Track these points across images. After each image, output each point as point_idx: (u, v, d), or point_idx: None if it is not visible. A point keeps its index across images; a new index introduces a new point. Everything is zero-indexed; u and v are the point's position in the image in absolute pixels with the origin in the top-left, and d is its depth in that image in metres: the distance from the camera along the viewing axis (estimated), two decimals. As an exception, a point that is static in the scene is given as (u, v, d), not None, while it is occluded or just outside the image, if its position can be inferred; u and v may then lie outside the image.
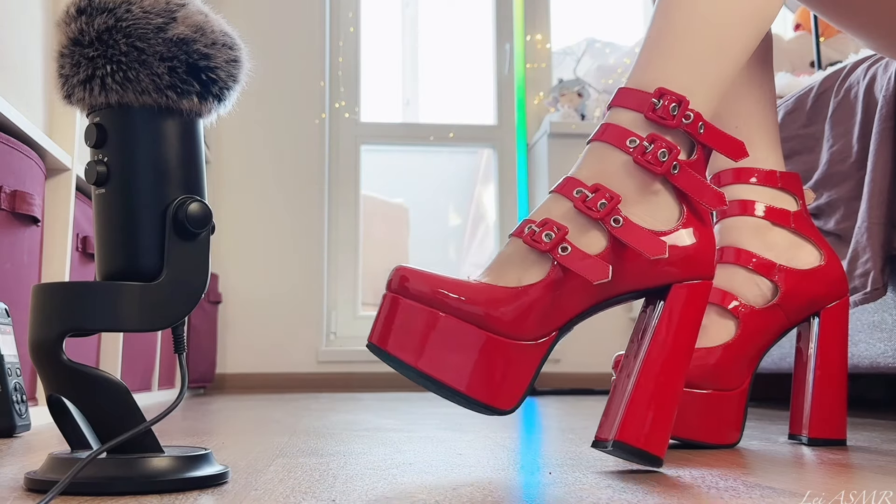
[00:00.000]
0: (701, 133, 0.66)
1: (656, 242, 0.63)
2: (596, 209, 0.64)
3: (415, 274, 0.62)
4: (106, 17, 0.53)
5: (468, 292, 0.62)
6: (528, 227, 0.65)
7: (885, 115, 1.12)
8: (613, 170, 0.66)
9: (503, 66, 2.96)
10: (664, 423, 0.63)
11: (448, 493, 0.53)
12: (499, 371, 0.61)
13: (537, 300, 0.62)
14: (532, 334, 0.63)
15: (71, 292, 0.54)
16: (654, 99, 0.66)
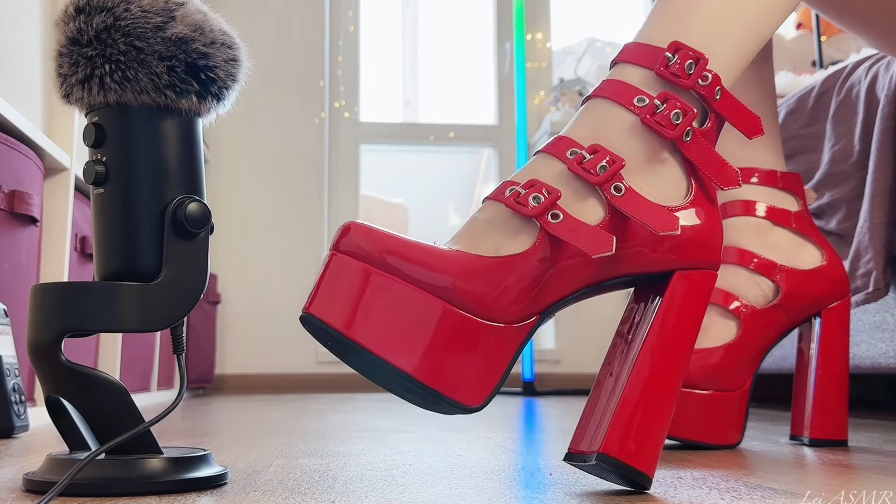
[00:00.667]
0: (717, 100, 0.56)
1: (667, 216, 0.53)
2: (595, 172, 0.53)
3: (368, 232, 0.51)
4: (104, 16, 0.53)
5: (433, 259, 0.51)
6: (510, 188, 0.54)
7: (886, 115, 1.12)
8: (616, 130, 0.56)
9: (503, 66, 2.96)
10: (657, 436, 0.53)
11: (448, 493, 0.53)
12: (465, 357, 0.50)
13: (518, 275, 0.51)
14: (509, 315, 0.51)
15: (69, 292, 0.54)
16: (668, 53, 0.56)
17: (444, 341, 0.50)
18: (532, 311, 0.52)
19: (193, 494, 0.52)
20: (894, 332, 1.16)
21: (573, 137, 0.56)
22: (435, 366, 0.49)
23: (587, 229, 0.52)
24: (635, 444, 0.52)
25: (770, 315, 0.85)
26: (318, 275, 0.51)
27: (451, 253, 0.52)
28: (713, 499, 0.51)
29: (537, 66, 2.93)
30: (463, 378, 0.50)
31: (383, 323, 0.49)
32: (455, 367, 0.50)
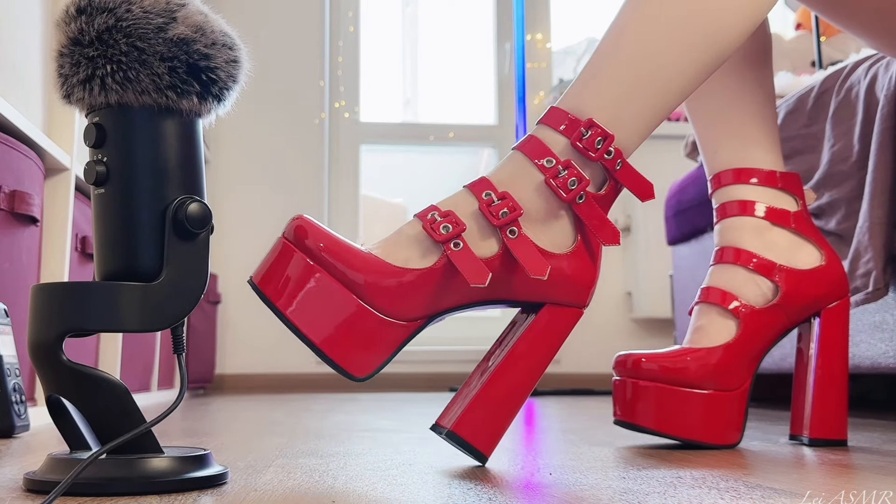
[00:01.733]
0: (617, 170, 0.68)
1: (540, 263, 0.65)
2: (497, 216, 0.65)
3: (311, 227, 0.64)
4: (106, 16, 0.53)
5: (355, 259, 0.63)
6: (431, 213, 0.66)
7: (886, 115, 1.12)
8: (525, 183, 0.67)
9: (503, 66, 2.96)
10: (498, 427, 0.67)
11: (448, 493, 0.53)
12: (361, 339, 0.63)
13: (417, 284, 0.64)
14: (403, 315, 0.64)
15: (70, 292, 0.54)
16: (583, 128, 0.68)
17: (348, 325, 0.63)
18: (422, 314, 0.65)
19: (194, 494, 0.52)
20: (894, 331, 1.16)
21: (492, 181, 0.68)
22: (337, 343, 0.63)
23: (475, 262, 0.64)
24: (478, 430, 0.67)
25: (769, 315, 0.85)
26: (268, 252, 0.65)
27: (369, 256, 0.64)
28: (713, 498, 0.51)
29: (537, 66, 2.93)
30: (356, 355, 0.63)
31: (305, 301, 0.62)
32: (352, 346, 0.63)
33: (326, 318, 0.62)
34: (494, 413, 0.67)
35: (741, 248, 0.88)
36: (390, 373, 2.61)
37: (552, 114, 0.70)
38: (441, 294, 0.65)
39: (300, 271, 0.63)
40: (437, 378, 2.61)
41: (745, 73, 0.91)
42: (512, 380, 0.67)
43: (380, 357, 0.64)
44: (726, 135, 0.91)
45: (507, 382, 0.67)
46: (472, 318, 2.98)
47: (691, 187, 1.81)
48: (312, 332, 0.62)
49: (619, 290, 2.80)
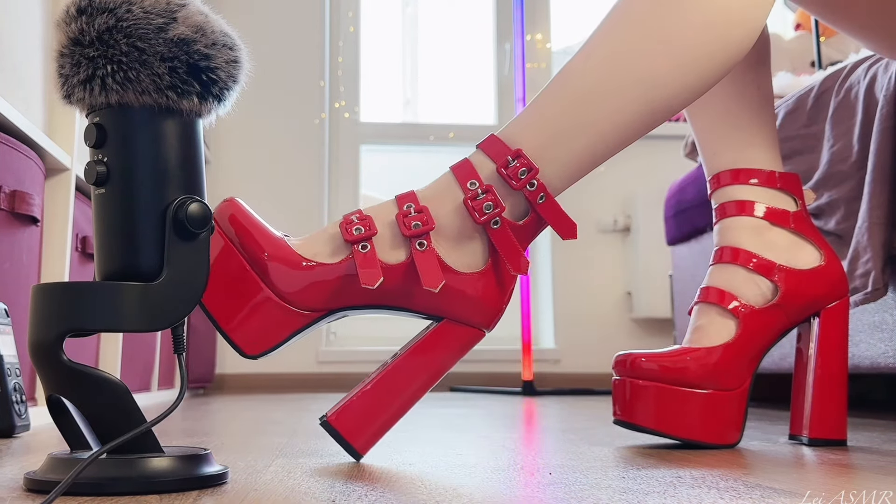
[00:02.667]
0: (539, 203, 0.69)
1: (435, 276, 0.67)
2: (409, 227, 0.68)
3: (238, 211, 0.67)
4: (106, 17, 0.53)
5: (269, 245, 0.67)
6: (353, 215, 0.70)
7: (885, 115, 1.12)
8: (446, 201, 0.70)
9: (503, 66, 2.96)
10: (375, 427, 0.69)
11: (448, 493, 0.53)
12: (257, 320, 0.66)
13: (319, 278, 0.67)
14: (302, 304, 0.67)
15: (70, 292, 0.54)
16: (510, 156, 0.69)
17: (247, 306, 0.66)
18: (319, 307, 0.68)
19: (194, 493, 0.52)
20: (893, 331, 1.16)
21: (417, 195, 0.71)
22: (234, 319, 0.66)
23: (372, 266, 0.67)
24: (354, 426, 0.69)
25: (769, 315, 0.85)
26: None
27: (281, 243, 0.68)
28: (712, 498, 0.51)
29: (537, 66, 2.93)
30: (252, 335, 0.66)
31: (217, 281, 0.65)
32: (248, 325, 0.66)
33: (226, 292, 0.65)
34: (374, 414, 0.69)
35: (740, 248, 0.88)
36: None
37: (489, 140, 0.72)
38: (340, 291, 0.67)
39: (215, 249, 0.66)
40: (437, 378, 2.61)
41: (744, 74, 0.91)
42: (397, 386, 0.69)
43: (273, 339, 0.67)
44: (725, 135, 0.91)
45: (393, 387, 0.69)
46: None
47: (691, 187, 1.81)
48: (213, 307, 0.65)
49: (619, 289, 2.80)
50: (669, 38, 0.71)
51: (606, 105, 0.71)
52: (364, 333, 2.74)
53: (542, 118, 0.71)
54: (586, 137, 0.71)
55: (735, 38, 0.73)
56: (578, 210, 2.59)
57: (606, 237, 2.86)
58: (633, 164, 2.71)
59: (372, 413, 0.69)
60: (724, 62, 0.74)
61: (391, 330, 2.78)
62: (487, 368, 2.67)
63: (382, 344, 2.71)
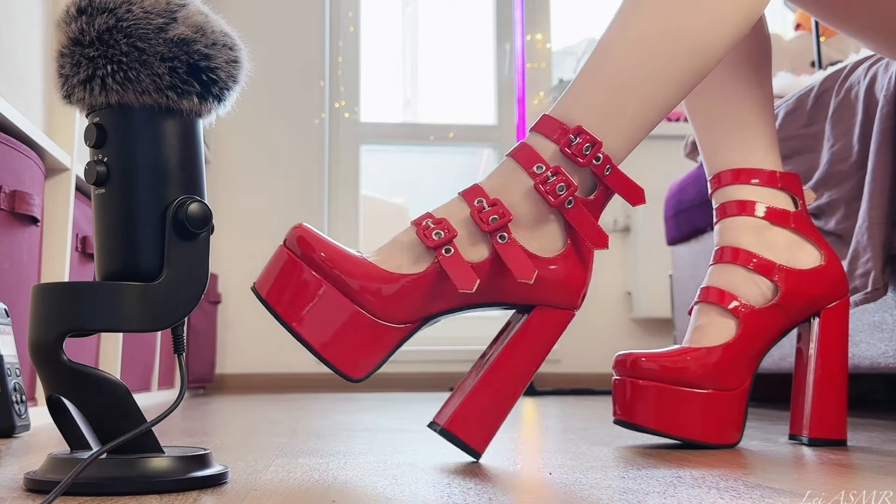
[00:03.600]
0: (606, 175, 0.70)
1: (527, 267, 0.67)
2: (487, 222, 0.68)
3: (310, 235, 0.67)
4: (107, 17, 0.53)
5: (350, 266, 0.66)
6: (426, 220, 0.69)
7: (885, 115, 1.12)
8: (515, 189, 0.70)
9: (503, 66, 2.96)
10: (491, 425, 0.70)
11: (448, 493, 0.53)
12: (357, 343, 0.66)
13: (410, 290, 0.66)
14: (397, 318, 0.67)
15: (71, 292, 0.54)
16: (571, 135, 0.69)
17: (344, 329, 0.65)
18: (415, 318, 0.67)
19: (194, 493, 0.52)
20: (893, 331, 1.16)
21: (484, 188, 0.70)
22: (336, 347, 0.65)
23: (464, 268, 0.66)
24: (471, 428, 0.69)
25: (769, 315, 0.85)
26: (270, 259, 0.68)
27: (364, 262, 0.67)
28: (712, 498, 0.51)
29: (537, 66, 2.93)
30: (353, 358, 0.66)
31: (305, 308, 0.65)
32: (349, 349, 0.66)
33: (324, 323, 0.65)
34: (487, 411, 0.69)
35: (741, 247, 0.88)
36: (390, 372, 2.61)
37: (543, 122, 0.72)
38: (433, 298, 0.67)
39: (300, 279, 0.65)
40: (437, 378, 2.61)
41: (745, 73, 0.91)
42: (504, 379, 0.69)
43: (375, 359, 0.66)
44: (726, 135, 0.91)
45: (500, 382, 0.69)
46: (472, 318, 2.98)
47: (691, 187, 1.81)
48: (312, 337, 0.65)
49: (619, 289, 2.80)
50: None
51: (656, 69, 0.72)
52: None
53: (595, 92, 0.72)
54: (641, 104, 0.72)
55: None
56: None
57: (606, 237, 2.86)
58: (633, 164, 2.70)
59: (484, 412, 0.69)
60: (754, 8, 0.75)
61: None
62: (487, 368, 2.67)
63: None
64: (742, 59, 0.91)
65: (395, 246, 0.69)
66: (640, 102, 0.72)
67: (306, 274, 0.65)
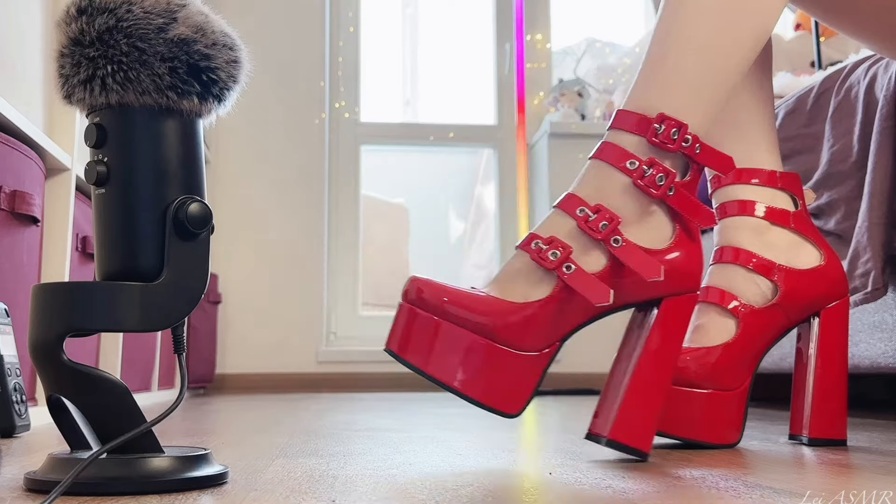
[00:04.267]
0: (697, 154, 0.71)
1: (653, 265, 0.67)
2: (598, 230, 0.68)
3: (428, 284, 0.67)
4: (107, 17, 0.53)
5: (477, 305, 0.66)
6: (534, 242, 0.69)
7: (885, 115, 1.12)
8: (613, 190, 0.70)
9: (503, 66, 2.96)
10: (652, 423, 0.70)
11: (448, 493, 0.53)
12: (505, 379, 0.66)
13: (541, 315, 0.67)
14: (535, 346, 0.67)
15: (71, 292, 0.54)
16: (655, 124, 0.70)
17: (489, 368, 0.66)
18: (553, 339, 0.68)
19: (194, 493, 0.52)
20: (893, 331, 1.16)
21: (580, 195, 0.70)
22: (486, 388, 0.66)
23: (592, 282, 0.66)
24: (634, 430, 0.69)
25: (769, 315, 0.85)
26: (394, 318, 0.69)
27: (489, 299, 0.67)
28: (712, 498, 0.51)
29: (537, 66, 2.93)
30: (507, 395, 0.67)
31: (444, 356, 0.66)
32: (500, 387, 0.66)
33: (468, 367, 0.66)
34: (645, 411, 0.69)
35: (741, 247, 0.88)
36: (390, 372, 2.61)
37: (621, 117, 0.72)
38: (565, 317, 0.68)
39: (432, 329, 0.66)
40: (437, 378, 2.61)
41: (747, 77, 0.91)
42: (654, 377, 0.70)
43: (527, 391, 0.68)
44: (726, 134, 0.91)
45: (650, 380, 0.69)
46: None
47: (691, 187, 1.81)
48: (461, 384, 0.66)
49: (619, 290, 2.80)
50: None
51: (725, 40, 0.73)
52: (364, 333, 2.74)
53: (666, 76, 0.72)
54: (716, 76, 0.72)
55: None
56: (578, 210, 2.59)
57: (606, 237, 2.86)
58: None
59: (643, 412, 0.69)
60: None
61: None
62: (487, 368, 2.67)
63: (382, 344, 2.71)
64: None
65: (510, 275, 0.69)
66: (715, 75, 0.72)
67: (436, 322, 0.66)
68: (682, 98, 0.71)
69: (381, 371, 2.60)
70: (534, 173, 2.79)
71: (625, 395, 0.69)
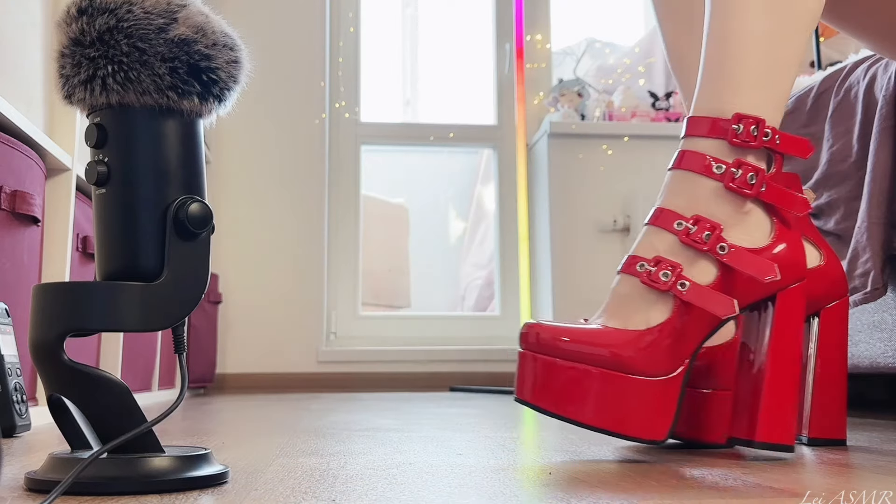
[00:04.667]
0: (778, 144, 0.71)
1: (766, 265, 0.67)
2: (702, 241, 0.68)
3: (545, 328, 0.68)
4: (107, 17, 0.53)
5: (600, 339, 0.67)
6: (639, 264, 0.69)
7: (885, 115, 1.12)
8: (705, 197, 0.70)
9: (503, 66, 2.96)
10: (793, 417, 0.71)
11: (448, 492, 0.53)
12: (644, 408, 0.67)
13: (666, 337, 0.67)
14: (666, 369, 0.67)
15: (71, 292, 0.54)
16: (734, 125, 0.70)
17: (620, 398, 0.66)
18: (682, 359, 0.68)
19: (195, 493, 0.52)
20: (892, 331, 1.17)
21: (673, 209, 0.70)
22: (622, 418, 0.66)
23: (713, 295, 0.66)
24: (780, 428, 0.69)
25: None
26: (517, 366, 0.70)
27: (610, 331, 0.68)
28: (712, 498, 0.51)
29: (536, 66, 2.93)
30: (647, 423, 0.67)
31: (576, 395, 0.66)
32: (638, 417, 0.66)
33: (605, 403, 0.66)
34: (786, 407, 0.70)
35: None
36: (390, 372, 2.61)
37: (694, 124, 0.72)
38: (689, 334, 0.68)
39: (557, 371, 0.67)
40: (438, 378, 2.61)
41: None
42: (786, 372, 0.70)
43: (669, 415, 0.68)
44: None
45: (785, 376, 0.70)
46: (473, 317, 2.98)
47: (691, 187, 1.81)
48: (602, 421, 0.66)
49: (619, 290, 2.80)
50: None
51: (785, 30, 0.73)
52: (364, 333, 2.74)
53: (733, 75, 0.72)
54: (782, 66, 0.72)
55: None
56: (577, 211, 2.59)
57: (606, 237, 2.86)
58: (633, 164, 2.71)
59: (785, 410, 0.70)
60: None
61: (391, 330, 2.78)
62: (487, 368, 2.67)
63: (382, 344, 2.71)
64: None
65: (621, 302, 0.69)
66: (780, 66, 0.72)
67: (560, 364, 0.66)
68: (752, 94, 0.71)
69: (381, 371, 2.60)
70: (534, 173, 2.79)
71: (765, 397, 0.69)
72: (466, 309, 3.17)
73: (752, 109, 0.70)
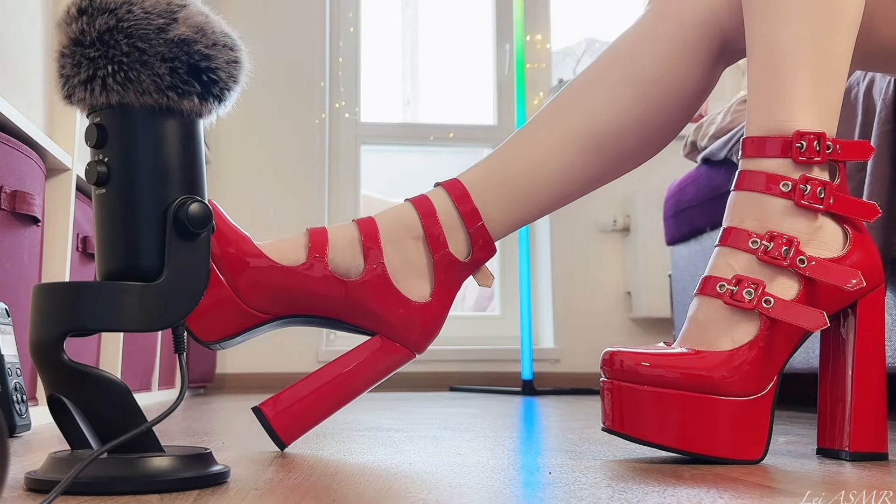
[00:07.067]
0: (840, 154, 0.71)
1: (849, 273, 0.68)
2: (782, 257, 0.68)
3: (627, 355, 0.68)
4: (107, 17, 0.53)
5: (683, 363, 0.67)
6: (719, 285, 0.69)
7: (884, 118, 1.12)
8: (775, 216, 0.70)
9: (503, 66, 2.96)
10: (884, 424, 0.70)
11: (448, 493, 0.53)
12: (744, 428, 0.67)
13: (755, 356, 0.67)
14: (758, 388, 0.67)
15: (71, 292, 0.54)
16: (796, 144, 0.70)
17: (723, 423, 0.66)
18: (772, 376, 0.68)
19: (195, 493, 0.52)
20: (893, 331, 1.17)
21: (745, 228, 0.70)
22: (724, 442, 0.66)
23: (801, 310, 0.67)
24: (873, 436, 0.69)
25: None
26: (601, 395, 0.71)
27: (697, 354, 0.68)
28: (712, 498, 0.51)
29: (537, 66, 2.93)
30: (748, 445, 0.67)
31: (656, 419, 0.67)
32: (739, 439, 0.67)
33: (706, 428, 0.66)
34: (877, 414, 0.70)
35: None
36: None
37: (752, 145, 0.72)
38: (776, 351, 0.68)
39: (642, 398, 0.67)
40: (437, 378, 2.61)
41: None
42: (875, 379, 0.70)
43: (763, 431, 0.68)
44: None
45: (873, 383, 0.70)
46: (473, 317, 2.98)
47: (690, 187, 1.81)
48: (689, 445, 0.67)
49: (619, 289, 2.80)
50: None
51: (834, 44, 0.72)
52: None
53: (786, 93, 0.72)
54: (833, 77, 0.72)
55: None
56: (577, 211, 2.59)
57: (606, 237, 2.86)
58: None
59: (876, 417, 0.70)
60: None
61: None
62: (487, 368, 2.67)
63: (382, 344, 2.71)
64: None
65: (703, 325, 0.69)
66: (830, 77, 0.72)
67: (644, 391, 0.67)
68: (808, 109, 0.71)
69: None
70: (534, 173, 2.79)
71: (854, 405, 0.69)
72: (466, 309, 3.17)
73: (811, 124, 0.70)
